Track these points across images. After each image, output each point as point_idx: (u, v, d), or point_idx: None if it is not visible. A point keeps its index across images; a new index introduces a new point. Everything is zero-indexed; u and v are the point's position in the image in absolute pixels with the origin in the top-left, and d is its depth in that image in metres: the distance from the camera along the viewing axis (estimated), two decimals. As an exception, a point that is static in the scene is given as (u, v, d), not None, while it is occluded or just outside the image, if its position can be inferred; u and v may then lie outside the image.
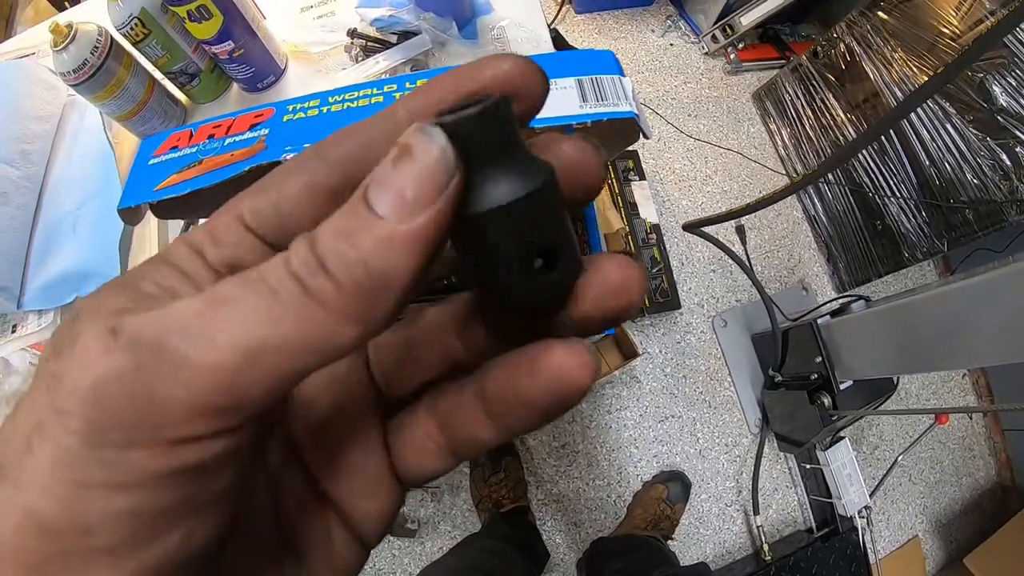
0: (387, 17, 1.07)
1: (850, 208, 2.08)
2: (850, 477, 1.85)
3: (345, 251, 0.17)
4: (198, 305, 0.17)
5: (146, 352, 0.16)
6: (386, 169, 0.18)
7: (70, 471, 0.16)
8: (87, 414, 0.16)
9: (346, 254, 0.17)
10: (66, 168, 1.08)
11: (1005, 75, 1.50)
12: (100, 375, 0.16)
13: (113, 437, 0.16)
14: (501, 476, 1.79)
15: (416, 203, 0.17)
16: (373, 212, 0.18)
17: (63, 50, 0.89)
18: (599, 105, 0.61)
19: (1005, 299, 1.10)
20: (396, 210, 0.17)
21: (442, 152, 0.18)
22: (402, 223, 0.17)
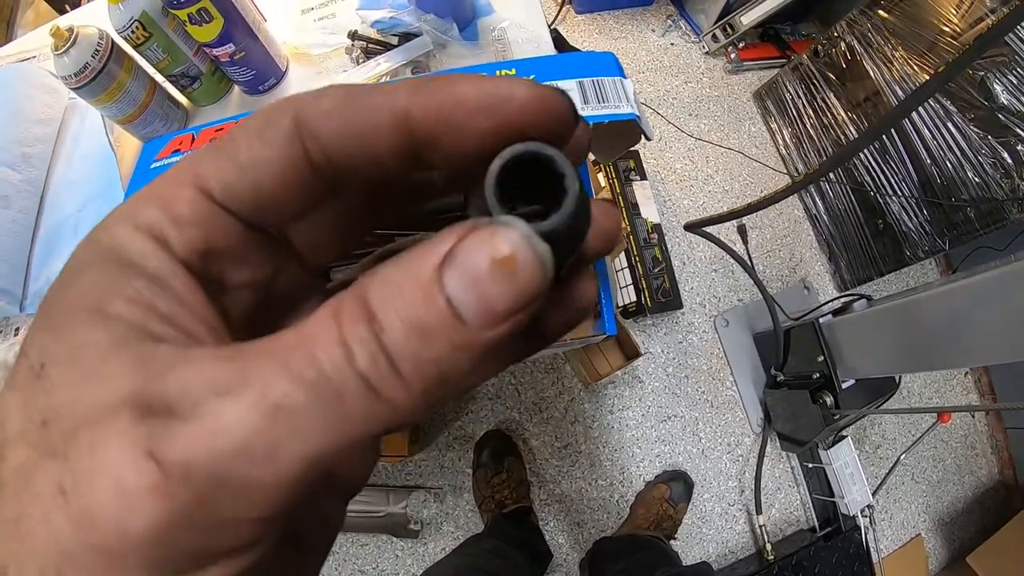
0: (388, 19, 1.07)
1: (851, 207, 2.08)
2: (852, 476, 1.85)
3: (419, 353, 0.16)
4: (255, 419, 0.15)
5: (206, 484, 0.15)
6: (477, 262, 0.16)
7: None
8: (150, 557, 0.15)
9: (419, 355, 0.16)
10: (67, 171, 1.09)
11: (1006, 73, 1.50)
12: (159, 520, 0.14)
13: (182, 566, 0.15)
14: (503, 476, 1.79)
15: (503, 316, 0.16)
16: (453, 309, 0.16)
17: (64, 54, 0.89)
18: (600, 107, 0.61)
19: (1007, 297, 1.10)
20: (480, 319, 0.16)
21: (544, 275, 0.16)
22: (484, 332, 0.16)
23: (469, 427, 1.94)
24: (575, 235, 0.19)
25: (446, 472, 1.91)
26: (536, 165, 0.18)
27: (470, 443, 1.91)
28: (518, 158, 0.18)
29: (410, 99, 0.19)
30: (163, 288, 0.18)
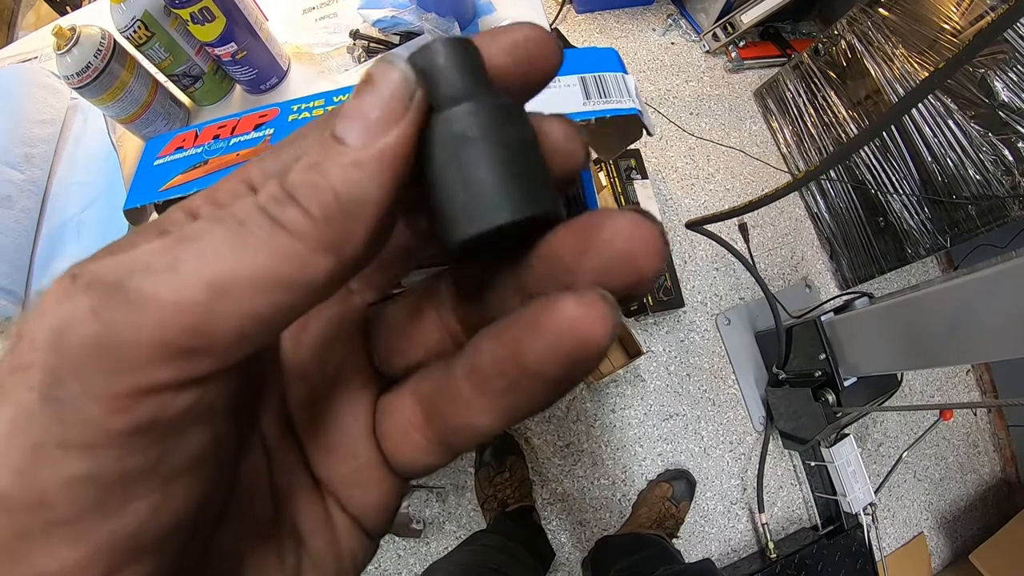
0: (389, 18, 1.07)
1: (853, 205, 2.08)
2: (855, 474, 1.85)
3: (314, 181, 0.17)
4: (161, 243, 0.16)
5: (104, 292, 0.15)
6: (349, 100, 0.18)
7: (27, 435, 0.15)
8: (47, 363, 0.15)
9: (315, 183, 0.17)
10: (70, 171, 1.09)
11: (1007, 70, 1.50)
12: (57, 321, 0.15)
13: (72, 388, 0.15)
14: (506, 476, 1.79)
15: (379, 124, 0.17)
16: (340, 142, 0.17)
17: (67, 53, 0.89)
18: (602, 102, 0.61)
19: (1008, 294, 1.10)
20: (361, 135, 0.17)
21: (402, 75, 0.18)
22: (367, 147, 0.17)
23: (471, 426, 1.93)
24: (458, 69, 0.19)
25: (448, 471, 1.91)
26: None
27: (472, 443, 1.91)
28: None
29: None
30: None
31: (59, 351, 0.15)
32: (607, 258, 0.18)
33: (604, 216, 0.18)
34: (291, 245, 0.16)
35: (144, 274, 0.15)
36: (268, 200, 0.17)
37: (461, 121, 0.19)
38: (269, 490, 0.23)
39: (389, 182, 0.17)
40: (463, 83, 0.19)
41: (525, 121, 0.20)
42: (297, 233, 0.16)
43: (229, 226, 0.16)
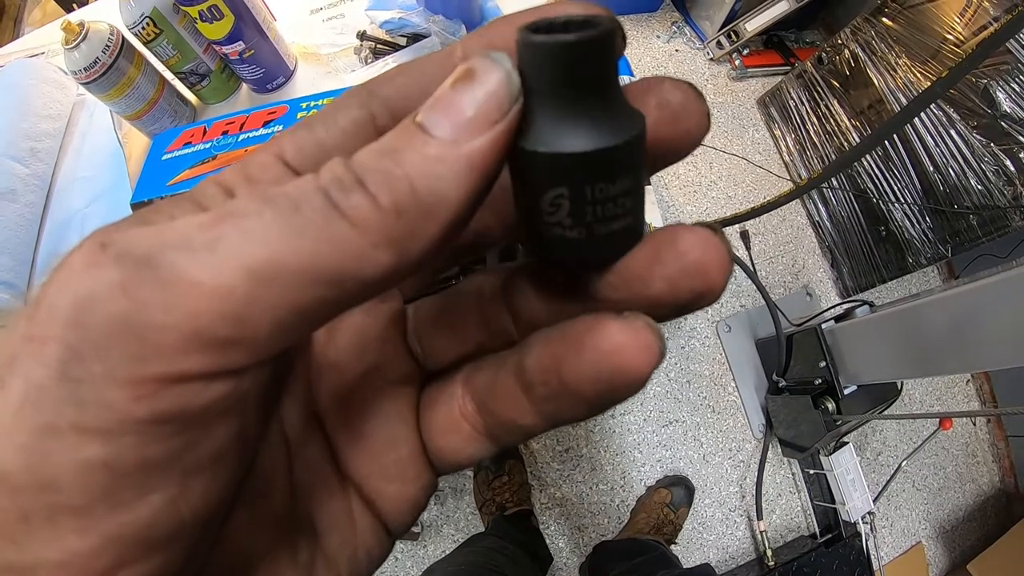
0: (396, 20, 1.08)
1: (854, 214, 2.08)
2: (854, 482, 1.85)
3: (389, 168, 0.15)
4: (203, 218, 0.15)
5: (135, 266, 0.14)
6: (444, 90, 0.16)
7: (38, 412, 0.14)
8: (66, 339, 0.14)
9: (390, 171, 0.15)
10: (75, 166, 1.09)
11: (1009, 81, 1.51)
12: (81, 293, 0.14)
13: (92, 369, 0.14)
14: (505, 479, 1.79)
15: (474, 125, 0.16)
16: (425, 131, 0.16)
17: (75, 48, 0.90)
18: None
19: (1009, 303, 1.10)
20: (452, 131, 0.16)
21: (507, 75, 0.16)
22: (457, 144, 0.15)
23: (470, 430, 1.93)
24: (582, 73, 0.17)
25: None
26: None
27: (471, 446, 1.91)
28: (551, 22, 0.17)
29: (465, 46, 0.19)
30: None
31: (81, 327, 0.14)
32: (680, 268, 0.18)
33: (679, 229, 0.18)
34: (349, 235, 0.15)
35: (181, 251, 0.14)
36: (331, 182, 0.15)
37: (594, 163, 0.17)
38: (287, 483, 0.22)
39: (472, 186, 0.16)
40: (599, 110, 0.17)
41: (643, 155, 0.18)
42: (360, 223, 0.15)
43: (281, 207, 0.15)
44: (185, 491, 0.16)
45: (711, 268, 0.17)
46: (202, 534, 0.17)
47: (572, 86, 0.17)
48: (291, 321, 0.15)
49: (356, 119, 0.19)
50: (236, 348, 0.14)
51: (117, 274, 0.14)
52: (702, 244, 0.17)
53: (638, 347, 0.16)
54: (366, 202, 0.15)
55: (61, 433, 0.14)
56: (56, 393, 0.14)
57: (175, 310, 0.14)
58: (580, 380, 0.17)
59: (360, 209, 0.15)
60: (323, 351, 0.24)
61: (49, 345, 0.14)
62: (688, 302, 0.18)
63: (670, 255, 0.18)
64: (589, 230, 0.18)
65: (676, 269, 0.17)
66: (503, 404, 0.21)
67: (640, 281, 0.18)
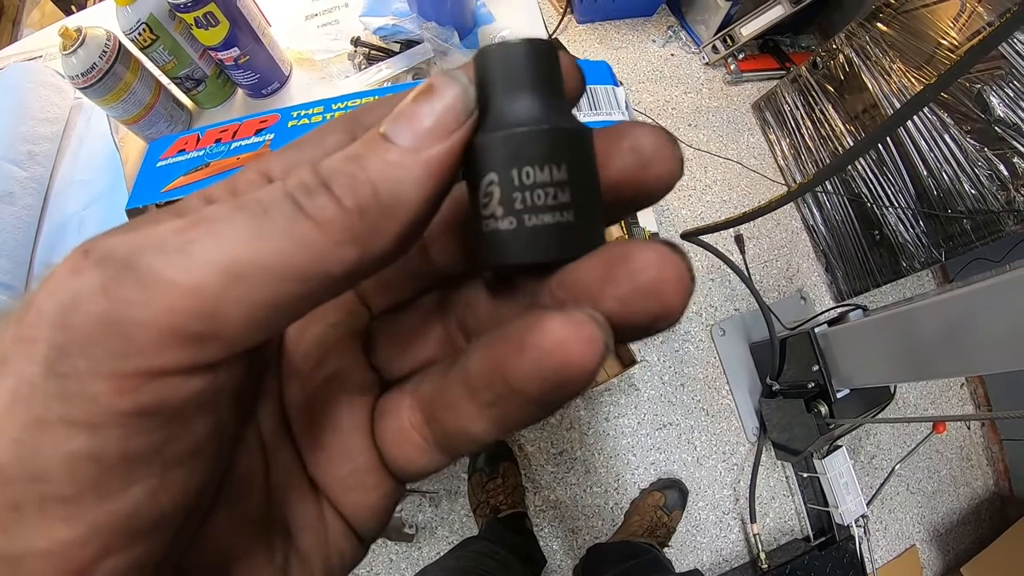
0: (390, 26, 1.08)
1: (848, 218, 2.09)
2: (847, 486, 1.86)
3: (354, 172, 0.17)
4: (179, 223, 0.16)
5: (115, 269, 0.15)
6: (405, 103, 0.18)
7: (28, 407, 0.14)
8: (53, 339, 0.15)
9: (354, 175, 0.17)
10: (73, 170, 1.10)
11: (1003, 86, 1.51)
12: (66, 295, 0.15)
13: (78, 365, 0.14)
14: (499, 482, 1.79)
15: (433, 134, 0.17)
16: (388, 140, 0.17)
17: (72, 54, 0.90)
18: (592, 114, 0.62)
19: (1003, 307, 1.10)
20: (412, 139, 0.17)
21: (463, 90, 0.18)
22: (416, 151, 0.17)
23: (466, 432, 1.93)
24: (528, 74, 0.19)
25: (441, 476, 1.91)
26: None
27: (466, 448, 1.91)
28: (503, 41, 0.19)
29: None
30: None
31: (66, 326, 0.15)
32: (632, 288, 0.17)
33: (634, 245, 0.17)
34: (314, 234, 0.16)
35: (157, 253, 0.15)
36: (297, 187, 0.17)
37: (539, 143, 0.18)
38: (263, 485, 0.23)
39: (430, 189, 0.17)
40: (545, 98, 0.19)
41: (592, 150, 0.19)
42: (324, 222, 0.16)
43: (251, 210, 0.16)
44: (165, 483, 0.16)
45: (667, 289, 0.17)
46: (182, 526, 0.18)
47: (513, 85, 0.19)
48: (261, 316, 0.16)
49: (340, 142, 0.21)
50: (210, 343, 0.15)
51: (98, 276, 0.15)
52: (658, 262, 0.17)
53: (580, 340, 0.16)
54: (331, 203, 0.16)
55: (50, 426, 0.14)
56: (44, 388, 0.14)
57: (152, 308, 0.15)
58: (524, 380, 0.16)
59: (325, 210, 0.16)
60: (290, 357, 0.25)
61: (38, 344, 0.15)
62: (642, 325, 0.17)
63: (622, 273, 0.17)
64: (519, 219, 0.18)
65: (629, 289, 0.17)
66: (450, 412, 0.20)
67: (590, 298, 0.18)
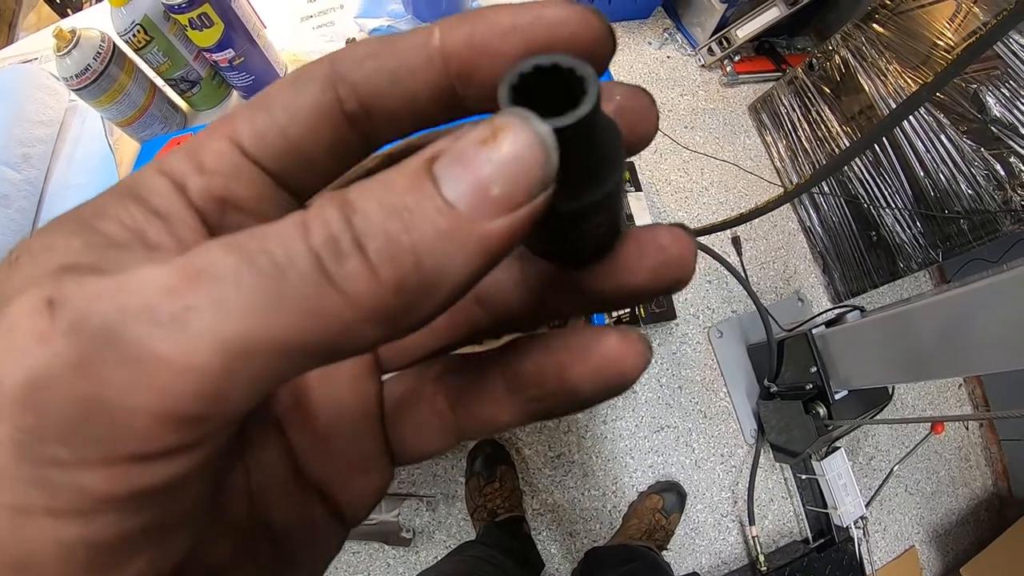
0: (385, 27, 1.08)
1: (845, 219, 2.09)
2: (846, 487, 1.85)
3: (395, 233, 0.13)
4: (169, 278, 0.13)
5: (93, 342, 0.12)
6: (468, 146, 0.14)
7: (3, 494, 0.13)
8: (21, 421, 0.12)
9: (396, 240, 0.13)
10: (67, 172, 1.09)
11: (999, 86, 1.52)
12: (34, 371, 0.12)
13: (55, 453, 0.12)
14: (496, 486, 1.79)
15: (499, 204, 0.14)
16: (438, 190, 0.14)
17: (66, 55, 0.90)
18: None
19: (1000, 308, 1.10)
20: (472, 203, 0.14)
21: (545, 152, 0.14)
22: (473, 222, 0.14)
23: (463, 435, 1.93)
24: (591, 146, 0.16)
25: (439, 480, 1.90)
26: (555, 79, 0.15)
27: (463, 452, 1.91)
28: (537, 67, 0.15)
29: (443, 31, 0.17)
30: (163, 223, 0.17)
31: (37, 409, 0.12)
32: (663, 260, 0.20)
33: (659, 229, 0.20)
34: (340, 309, 0.13)
35: (147, 324, 0.13)
36: (324, 244, 0.13)
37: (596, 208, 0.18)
38: (246, 491, 0.21)
39: (481, 268, 0.14)
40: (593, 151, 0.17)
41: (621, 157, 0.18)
42: (352, 297, 0.13)
43: (263, 270, 0.13)
44: (165, 550, 0.15)
45: (687, 259, 0.20)
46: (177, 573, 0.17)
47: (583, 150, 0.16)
48: (262, 390, 0.14)
49: (321, 104, 0.18)
50: (209, 422, 0.13)
51: (73, 351, 0.12)
52: (679, 241, 0.20)
53: (635, 355, 0.19)
54: (364, 272, 0.13)
55: (32, 516, 0.13)
56: (18, 475, 0.13)
57: (143, 392, 0.12)
58: (581, 383, 0.19)
59: (355, 281, 0.13)
60: None
61: (3, 424, 0.12)
62: (666, 288, 0.20)
63: (652, 250, 0.20)
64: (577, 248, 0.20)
65: (659, 261, 0.20)
66: (484, 403, 0.22)
67: (628, 272, 0.20)
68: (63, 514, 0.13)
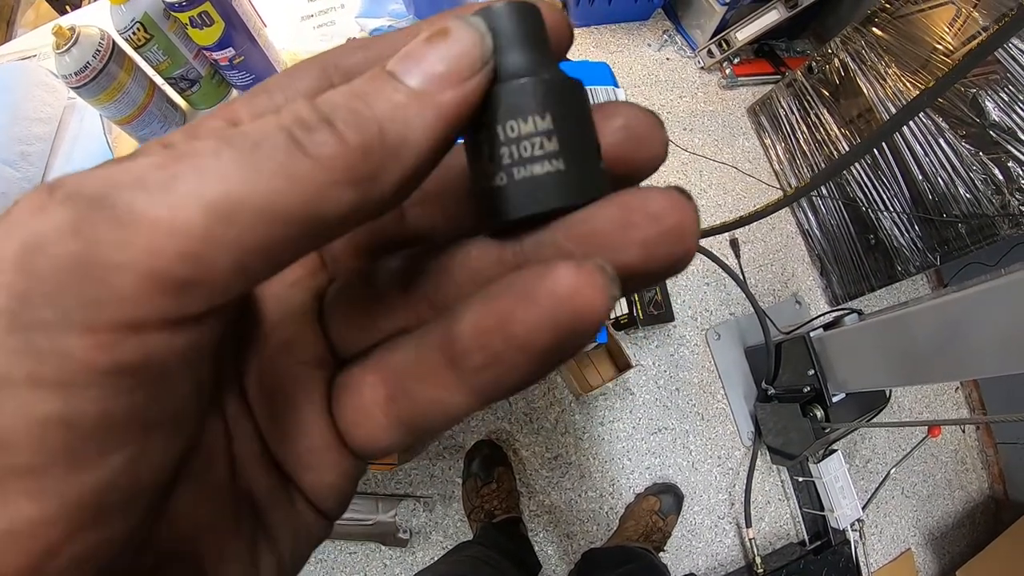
0: (386, 27, 1.08)
1: (843, 222, 2.09)
2: (843, 490, 1.86)
3: (359, 108, 0.15)
4: (158, 158, 0.14)
5: (87, 206, 0.13)
6: (417, 44, 0.17)
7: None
8: (14, 287, 0.13)
9: (359, 111, 0.15)
10: (66, 170, 1.07)
11: (998, 90, 1.52)
12: (29, 236, 0.13)
13: (45, 316, 0.13)
14: (493, 487, 1.79)
15: (447, 78, 0.16)
16: (396, 79, 0.16)
17: (66, 53, 0.90)
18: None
19: (997, 312, 1.11)
20: (423, 81, 0.16)
21: (480, 38, 0.17)
22: (428, 95, 0.16)
23: (459, 436, 1.93)
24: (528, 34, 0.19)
25: (436, 481, 1.90)
26: None
27: (460, 452, 1.91)
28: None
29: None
30: None
31: (31, 272, 0.13)
32: (655, 233, 0.17)
33: (649, 192, 0.17)
34: (312, 173, 0.14)
35: (136, 189, 0.13)
36: (293, 121, 0.15)
37: (521, 95, 0.18)
38: (228, 457, 0.21)
39: (439, 136, 0.16)
40: (527, 54, 0.19)
41: (585, 101, 0.19)
42: (323, 160, 0.15)
43: (240, 145, 0.14)
44: (145, 451, 0.15)
45: (688, 231, 0.17)
46: (153, 501, 0.16)
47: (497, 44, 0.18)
48: (249, 262, 0.14)
49: (317, 88, 0.19)
50: (195, 290, 0.14)
51: (68, 214, 0.13)
52: (677, 206, 0.17)
53: (594, 287, 0.15)
54: (332, 139, 0.15)
55: (15, 387, 0.13)
56: (6, 344, 0.13)
57: (131, 249, 0.13)
58: (534, 332, 0.16)
59: (325, 146, 0.15)
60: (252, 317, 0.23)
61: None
62: (662, 268, 0.17)
63: (643, 218, 0.17)
64: (508, 174, 0.18)
65: (653, 232, 0.17)
66: (424, 384, 0.19)
67: (608, 245, 0.17)
68: (45, 384, 0.13)
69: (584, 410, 2.01)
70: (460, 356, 0.17)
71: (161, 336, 0.14)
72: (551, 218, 0.19)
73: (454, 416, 0.19)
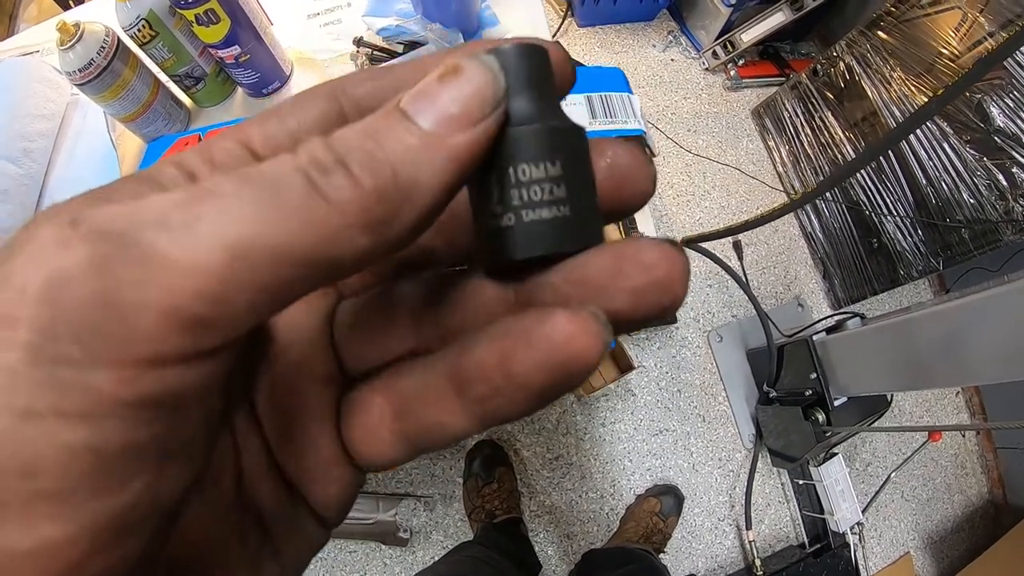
0: (394, 27, 1.08)
1: (847, 226, 2.09)
2: (843, 493, 1.86)
3: (372, 150, 0.16)
4: (179, 196, 0.15)
5: (111, 245, 0.14)
6: (430, 82, 0.17)
7: (12, 397, 0.13)
8: (38, 321, 0.13)
9: (373, 154, 0.16)
10: (68, 167, 1.09)
11: (1003, 96, 1.52)
12: (53, 271, 0.13)
13: (70, 352, 0.13)
14: (494, 487, 1.79)
15: (460, 120, 0.17)
16: (408, 118, 0.17)
17: (70, 49, 0.89)
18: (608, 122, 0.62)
19: (1000, 318, 1.11)
20: (436, 122, 0.16)
21: (494, 79, 0.18)
22: (439, 137, 0.16)
23: (461, 436, 1.93)
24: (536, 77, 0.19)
25: (436, 481, 1.90)
26: None
27: (461, 452, 1.91)
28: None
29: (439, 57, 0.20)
30: None
31: (56, 307, 0.13)
32: (646, 282, 0.18)
33: (642, 243, 0.18)
34: (328, 216, 0.15)
35: (159, 229, 0.14)
36: (310, 163, 0.16)
37: (533, 141, 0.19)
38: (235, 471, 0.22)
39: (451, 178, 0.17)
40: (536, 97, 0.19)
41: (588, 148, 0.20)
42: (339, 204, 0.15)
43: (259, 186, 0.15)
44: (163, 476, 0.15)
45: (676, 282, 0.18)
46: (166, 520, 0.17)
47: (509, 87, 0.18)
48: (264, 300, 0.15)
49: (326, 111, 0.20)
50: (212, 328, 0.14)
51: (90, 251, 0.14)
52: (667, 258, 0.18)
53: (587, 335, 0.17)
54: (347, 183, 0.15)
55: (41, 418, 0.13)
56: (28, 377, 0.13)
57: (152, 288, 0.14)
58: (530, 373, 0.17)
59: (341, 190, 0.15)
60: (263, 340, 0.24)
61: (19, 327, 0.13)
62: (650, 315, 0.18)
63: (634, 268, 0.18)
64: (517, 216, 0.19)
65: (643, 282, 0.18)
66: (429, 408, 0.20)
67: (600, 291, 0.19)
68: (71, 416, 0.13)
69: (586, 411, 2.00)
70: (465, 385, 0.19)
71: (177, 370, 0.14)
72: (553, 261, 0.20)
73: (455, 437, 0.20)
